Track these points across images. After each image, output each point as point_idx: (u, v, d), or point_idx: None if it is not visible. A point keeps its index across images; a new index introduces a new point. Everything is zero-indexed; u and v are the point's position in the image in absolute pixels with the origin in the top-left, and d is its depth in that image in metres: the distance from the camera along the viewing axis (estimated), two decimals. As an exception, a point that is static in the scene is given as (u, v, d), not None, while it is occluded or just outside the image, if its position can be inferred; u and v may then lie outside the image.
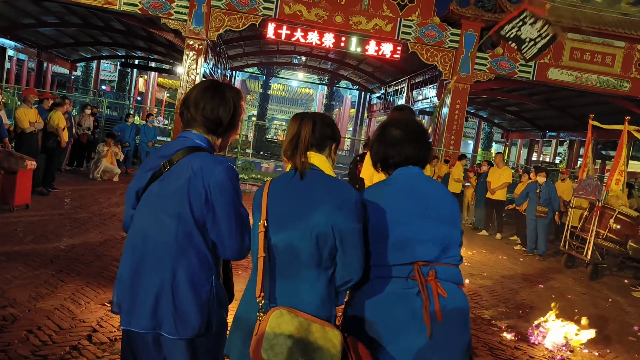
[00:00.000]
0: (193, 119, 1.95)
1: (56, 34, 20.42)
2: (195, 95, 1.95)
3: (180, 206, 1.81)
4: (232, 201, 1.84)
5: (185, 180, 1.82)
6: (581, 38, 14.80)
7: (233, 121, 1.99)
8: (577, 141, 21.87)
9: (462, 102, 15.02)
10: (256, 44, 20.71)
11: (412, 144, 2.00)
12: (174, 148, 1.92)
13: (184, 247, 1.82)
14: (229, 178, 1.85)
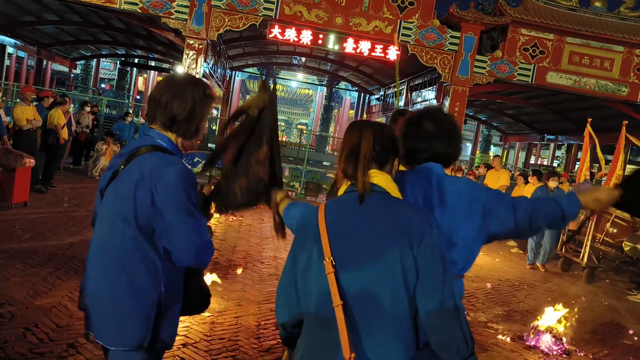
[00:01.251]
0: (152, 114, 1.82)
1: (56, 31, 20.40)
2: (157, 88, 1.82)
3: (127, 209, 1.69)
4: (183, 206, 1.69)
5: (133, 182, 1.70)
6: (580, 42, 14.85)
7: (190, 119, 1.80)
8: (575, 145, 21.92)
9: (460, 105, 15.04)
10: (256, 44, 20.72)
11: (445, 139, 1.86)
12: (133, 146, 1.82)
13: (130, 252, 1.70)
14: (180, 181, 1.70)
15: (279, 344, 3.86)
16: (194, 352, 3.52)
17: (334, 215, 1.51)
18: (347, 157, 1.55)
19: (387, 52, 14.68)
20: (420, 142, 1.86)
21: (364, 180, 1.50)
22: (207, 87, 1.87)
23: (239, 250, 6.70)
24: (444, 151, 1.87)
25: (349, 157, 1.54)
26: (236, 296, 4.84)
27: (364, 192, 1.49)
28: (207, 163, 2.18)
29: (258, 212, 10.16)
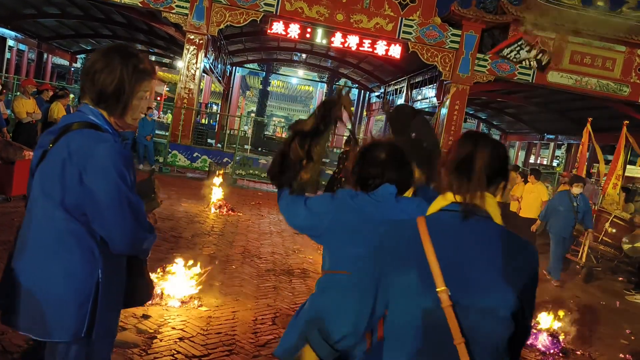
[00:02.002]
0: (83, 86, 1.68)
1: (57, 25, 20.36)
2: (90, 59, 1.68)
3: (55, 190, 1.57)
4: (113, 185, 1.56)
5: (60, 161, 1.57)
6: (582, 42, 14.82)
7: (117, 94, 1.65)
8: (575, 145, 21.91)
9: (461, 103, 15.04)
10: (257, 40, 20.68)
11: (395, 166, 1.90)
12: (62, 123, 1.67)
13: (63, 236, 1.58)
14: (112, 159, 1.56)
15: (275, 339, 3.86)
16: (191, 345, 3.52)
17: (440, 238, 1.37)
18: (457, 169, 1.41)
19: (375, 47, 14.60)
20: (372, 169, 1.89)
21: (479, 201, 1.39)
22: (141, 61, 1.71)
23: (237, 246, 6.70)
24: (393, 178, 1.88)
25: (458, 171, 1.41)
26: (233, 291, 4.84)
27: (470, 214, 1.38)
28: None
29: (256, 207, 10.16)
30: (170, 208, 8.38)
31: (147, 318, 3.84)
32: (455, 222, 1.39)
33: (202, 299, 4.41)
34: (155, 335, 3.59)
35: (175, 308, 4.13)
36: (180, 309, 4.14)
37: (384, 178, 1.87)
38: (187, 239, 6.60)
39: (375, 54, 14.98)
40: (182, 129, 14.30)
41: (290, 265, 6.15)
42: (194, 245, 6.34)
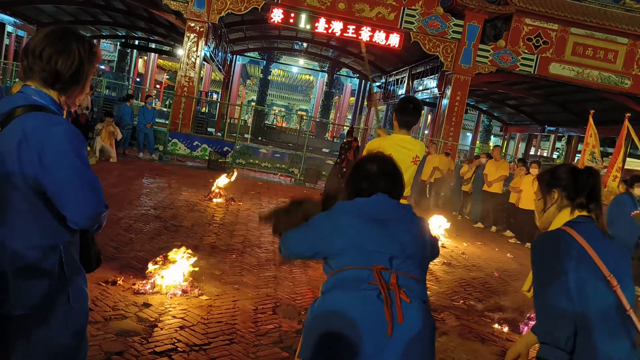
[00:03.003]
0: (30, 68, 1.69)
1: (56, 11, 20.23)
2: (36, 40, 1.68)
3: (11, 170, 1.60)
4: (73, 165, 1.61)
5: (15, 144, 1.59)
6: (584, 33, 14.76)
7: (76, 76, 1.72)
8: (576, 137, 21.89)
9: (462, 94, 15.00)
10: (258, 28, 20.58)
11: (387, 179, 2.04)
12: (9, 105, 1.67)
13: (21, 215, 1.62)
14: (68, 140, 1.62)
15: (276, 329, 3.87)
16: (191, 334, 3.53)
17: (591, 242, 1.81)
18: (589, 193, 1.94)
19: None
20: (363, 183, 2.03)
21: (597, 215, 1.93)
22: (93, 44, 1.79)
23: (237, 235, 6.70)
24: (386, 189, 2.02)
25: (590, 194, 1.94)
26: (234, 280, 4.84)
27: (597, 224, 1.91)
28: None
29: (257, 197, 10.16)
30: (170, 197, 8.38)
31: (148, 307, 3.84)
32: (593, 230, 1.88)
33: (203, 288, 4.42)
34: (156, 323, 3.59)
35: (176, 297, 4.14)
36: (181, 297, 4.15)
37: (376, 189, 2.01)
38: (187, 227, 6.60)
39: (375, 43, 14.90)
40: (182, 118, 14.26)
41: (290, 254, 6.14)
42: (194, 234, 6.34)
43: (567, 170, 2.03)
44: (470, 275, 6.86)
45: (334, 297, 1.84)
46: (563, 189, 1.98)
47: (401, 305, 1.76)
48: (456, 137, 15.31)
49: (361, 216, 1.91)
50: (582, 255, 1.77)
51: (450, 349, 4.15)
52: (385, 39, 14.66)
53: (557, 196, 1.99)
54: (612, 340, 1.73)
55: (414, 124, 3.76)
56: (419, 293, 1.87)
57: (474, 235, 10.05)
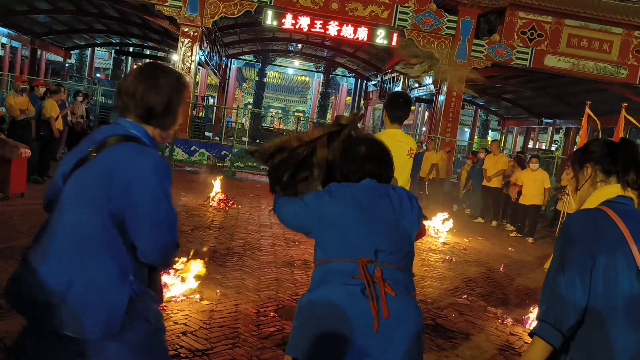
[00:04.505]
0: (125, 106, 1.77)
1: (49, 21, 20.23)
2: (128, 80, 1.78)
3: (98, 197, 1.65)
4: (156, 197, 1.66)
5: (107, 171, 1.65)
6: (578, 24, 14.74)
7: (168, 110, 1.79)
8: (574, 128, 21.89)
9: (458, 90, 14.98)
10: (252, 31, 20.56)
11: (375, 162, 2.04)
12: (104, 134, 1.75)
13: (99, 241, 1.65)
14: (157, 173, 1.67)
15: (278, 331, 3.86)
16: (194, 340, 3.52)
17: (629, 226, 1.66)
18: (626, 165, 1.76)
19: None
20: (354, 164, 2.04)
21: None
22: (181, 76, 1.87)
23: (237, 238, 6.69)
24: (374, 172, 2.03)
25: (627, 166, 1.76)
26: (235, 284, 4.83)
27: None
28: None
29: (256, 200, 10.14)
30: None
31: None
32: (629, 210, 1.72)
33: (204, 292, 4.40)
34: (158, 330, 3.58)
35: (177, 302, 4.12)
36: (182, 303, 4.13)
37: (364, 171, 2.02)
38: (187, 232, 6.59)
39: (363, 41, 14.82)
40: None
41: (291, 256, 6.14)
42: (194, 238, 6.32)
43: (599, 143, 1.87)
44: (472, 270, 6.85)
45: (321, 293, 1.88)
46: (596, 163, 1.82)
47: (386, 299, 1.79)
48: (454, 133, 15.30)
49: (350, 205, 1.92)
50: (619, 240, 1.63)
51: (454, 345, 4.14)
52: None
53: (591, 171, 1.82)
54: (633, 331, 1.62)
55: (405, 118, 3.77)
56: (405, 283, 1.91)
57: (475, 231, 10.04)
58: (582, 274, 1.63)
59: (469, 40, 14.50)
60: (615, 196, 1.74)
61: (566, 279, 1.64)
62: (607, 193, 1.76)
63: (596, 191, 1.79)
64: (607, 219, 1.67)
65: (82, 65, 27.89)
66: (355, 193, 1.96)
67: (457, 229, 9.43)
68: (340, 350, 1.78)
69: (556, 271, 1.68)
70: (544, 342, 1.65)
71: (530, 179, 9.84)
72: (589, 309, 1.64)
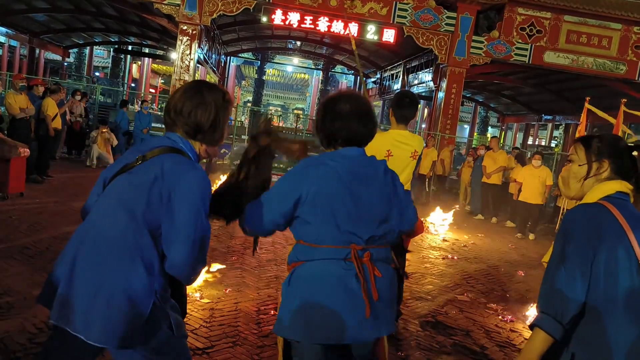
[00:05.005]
0: (173, 122, 1.84)
1: (48, 19, 20.19)
2: (176, 97, 1.84)
3: (137, 203, 1.68)
4: (195, 210, 1.69)
5: (151, 178, 1.69)
6: (577, 20, 14.73)
7: (215, 125, 1.85)
8: (573, 125, 21.87)
9: (458, 87, 14.96)
10: (251, 28, 20.53)
11: (360, 120, 2.00)
12: (152, 144, 1.82)
13: (130, 247, 1.67)
14: (199, 186, 1.72)
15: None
16: (194, 338, 3.52)
17: (629, 221, 1.67)
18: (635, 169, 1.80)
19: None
20: (336, 123, 1.99)
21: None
22: (226, 92, 1.92)
23: (237, 237, 6.69)
24: (360, 130, 1.99)
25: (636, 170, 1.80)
26: (235, 282, 4.83)
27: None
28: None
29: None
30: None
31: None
32: (624, 205, 1.73)
33: (204, 291, 4.41)
34: (158, 329, 3.58)
35: (178, 301, 4.12)
36: (183, 301, 4.13)
37: (350, 130, 1.98)
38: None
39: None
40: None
41: (291, 254, 6.13)
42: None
43: (619, 140, 1.86)
44: (472, 267, 6.85)
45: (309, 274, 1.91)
46: (614, 161, 1.80)
47: (375, 282, 1.89)
48: (453, 130, 15.29)
49: (335, 185, 1.90)
50: (620, 234, 1.64)
51: (454, 342, 4.14)
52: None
53: (606, 167, 1.80)
54: (633, 325, 1.64)
55: (411, 118, 3.75)
56: (388, 258, 2.02)
57: (475, 228, 10.04)
58: (583, 267, 1.64)
59: (468, 37, 14.49)
60: (615, 192, 1.76)
61: (567, 272, 1.65)
62: (609, 189, 1.77)
63: (598, 186, 1.79)
64: (608, 213, 1.68)
65: (80, 64, 27.85)
66: (341, 166, 1.93)
67: (457, 226, 9.42)
68: (336, 329, 1.86)
69: (557, 264, 1.69)
70: (544, 334, 1.66)
71: (532, 175, 9.74)
72: (590, 303, 1.65)
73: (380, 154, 3.62)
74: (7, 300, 3.78)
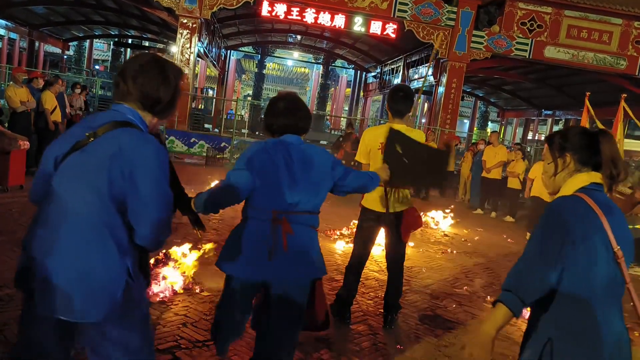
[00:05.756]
0: (129, 92, 1.82)
1: (47, 12, 20.14)
2: (135, 68, 1.82)
3: (100, 181, 1.69)
4: (158, 183, 1.74)
5: (108, 155, 1.69)
6: (578, 15, 14.69)
7: (172, 102, 1.89)
8: (573, 120, 21.86)
9: (458, 81, 14.95)
10: (251, 22, 20.48)
11: (287, 115, 2.52)
12: (102, 120, 1.79)
13: (97, 224, 1.70)
14: (159, 159, 1.75)
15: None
16: (194, 331, 3.54)
17: (604, 211, 1.76)
18: (616, 160, 1.85)
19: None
20: (270, 118, 2.55)
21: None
22: (181, 70, 1.98)
23: (237, 230, 6.70)
24: (287, 122, 2.51)
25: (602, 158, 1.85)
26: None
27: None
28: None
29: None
30: (169, 194, 8.38)
31: (150, 305, 3.85)
32: (599, 196, 1.81)
33: (204, 284, 4.42)
34: (158, 321, 3.60)
35: (178, 294, 4.14)
36: (183, 294, 4.15)
37: (280, 124, 2.52)
38: (187, 224, 6.59)
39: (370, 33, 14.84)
40: (178, 115, 14.22)
41: (290, 248, 6.14)
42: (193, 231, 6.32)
43: (578, 132, 1.93)
44: (471, 261, 6.87)
45: (244, 227, 2.53)
46: (575, 153, 1.88)
47: (286, 238, 2.40)
48: (453, 125, 15.28)
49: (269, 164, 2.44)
50: (597, 225, 1.73)
51: (453, 336, 4.16)
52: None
53: (569, 160, 1.89)
54: (609, 310, 1.74)
55: (406, 112, 3.76)
56: (308, 222, 2.50)
57: (474, 222, 10.06)
58: (557, 255, 1.71)
59: (469, 32, 14.46)
60: (589, 183, 1.83)
61: (542, 258, 1.74)
62: (582, 180, 1.85)
63: (571, 179, 1.87)
64: (585, 205, 1.76)
65: (80, 57, 27.80)
66: (273, 148, 2.47)
67: (457, 220, 9.45)
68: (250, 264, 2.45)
69: (533, 250, 1.78)
70: (506, 310, 1.77)
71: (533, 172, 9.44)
72: (569, 290, 1.74)
73: (374, 147, 3.67)
74: (7, 292, 3.79)
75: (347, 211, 7.83)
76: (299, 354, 3.40)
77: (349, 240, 6.40)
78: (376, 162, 3.68)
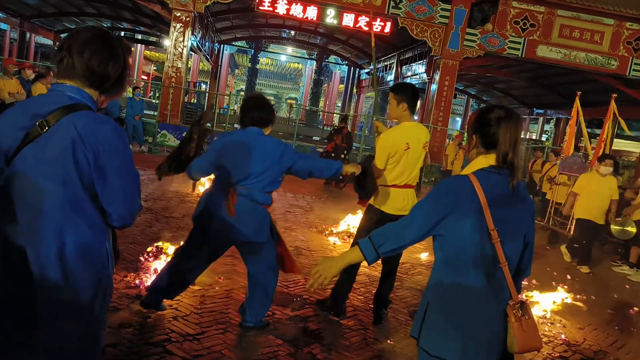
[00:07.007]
0: (73, 68, 1.69)
1: (39, 3, 19.92)
2: (81, 41, 1.70)
3: (65, 170, 1.62)
4: (124, 163, 1.71)
5: (69, 142, 1.61)
6: (570, 15, 14.77)
7: (121, 78, 1.80)
8: (564, 119, 22.00)
9: (450, 79, 15.00)
10: (245, 16, 20.41)
11: (254, 110, 3.31)
12: (48, 106, 1.66)
13: (71, 213, 1.66)
14: (119, 138, 1.70)
15: (269, 316, 3.90)
16: (185, 324, 3.55)
17: (488, 190, 1.84)
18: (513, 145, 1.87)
19: (371, 25, 14.48)
20: (242, 112, 3.35)
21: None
22: (129, 46, 1.90)
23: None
24: (254, 116, 3.30)
25: (513, 146, 1.87)
26: (226, 269, 4.86)
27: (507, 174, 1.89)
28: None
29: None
30: (161, 188, 8.36)
31: (141, 298, 3.85)
32: (500, 181, 1.88)
33: (195, 278, 4.42)
34: (149, 315, 3.61)
35: (169, 287, 4.14)
36: (174, 288, 4.15)
37: (248, 117, 3.31)
38: (178, 218, 6.60)
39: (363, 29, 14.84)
40: (170, 109, 14.17)
41: (282, 243, 6.16)
42: (185, 225, 6.33)
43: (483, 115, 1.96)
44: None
45: (210, 196, 3.35)
46: (481, 136, 1.94)
47: (234, 205, 3.20)
48: (445, 122, 15.35)
49: (233, 145, 3.28)
50: (476, 205, 1.82)
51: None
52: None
53: (475, 142, 1.96)
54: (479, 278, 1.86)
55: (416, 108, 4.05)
56: (251, 196, 3.22)
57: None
58: (425, 220, 1.89)
59: (462, 29, 14.51)
60: (489, 165, 1.90)
61: (411, 219, 1.93)
62: (481, 162, 1.92)
63: (476, 159, 1.95)
64: (469, 186, 1.85)
65: (72, 49, 27.53)
66: (238, 135, 3.34)
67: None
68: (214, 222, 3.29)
69: (411, 212, 1.95)
70: (360, 253, 1.96)
71: (601, 185, 7.38)
72: (444, 260, 1.93)
73: (401, 148, 3.80)
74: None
75: (339, 211, 7.85)
76: (290, 349, 3.43)
77: (340, 237, 6.42)
78: (403, 163, 3.83)
